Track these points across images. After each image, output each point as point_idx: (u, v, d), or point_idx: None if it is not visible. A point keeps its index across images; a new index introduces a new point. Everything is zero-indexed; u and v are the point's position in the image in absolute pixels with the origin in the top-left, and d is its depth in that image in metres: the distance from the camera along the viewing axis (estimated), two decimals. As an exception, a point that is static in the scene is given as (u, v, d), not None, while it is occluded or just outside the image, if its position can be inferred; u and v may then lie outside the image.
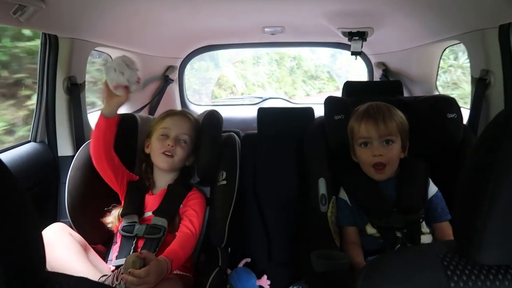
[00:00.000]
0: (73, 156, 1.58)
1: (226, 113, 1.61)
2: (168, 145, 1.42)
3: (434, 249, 0.67)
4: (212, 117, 1.56)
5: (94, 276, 1.20)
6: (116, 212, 1.43)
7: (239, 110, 3.00)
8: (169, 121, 1.48)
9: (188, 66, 2.91)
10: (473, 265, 0.63)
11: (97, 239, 1.47)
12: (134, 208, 1.40)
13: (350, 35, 2.13)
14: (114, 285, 1.15)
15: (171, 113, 1.53)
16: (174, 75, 2.72)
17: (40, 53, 1.62)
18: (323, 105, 1.58)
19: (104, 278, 1.22)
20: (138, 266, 1.09)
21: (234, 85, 3.91)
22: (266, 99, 3.22)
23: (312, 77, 4.66)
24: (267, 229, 1.70)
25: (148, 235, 1.32)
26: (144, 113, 2.44)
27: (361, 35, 2.12)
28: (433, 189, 1.36)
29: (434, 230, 1.33)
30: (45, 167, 1.68)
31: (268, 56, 4.18)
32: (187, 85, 2.99)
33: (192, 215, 1.38)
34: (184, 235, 1.32)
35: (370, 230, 1.34)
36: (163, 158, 1.43)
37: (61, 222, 1.41)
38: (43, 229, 1.27)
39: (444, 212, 1.33)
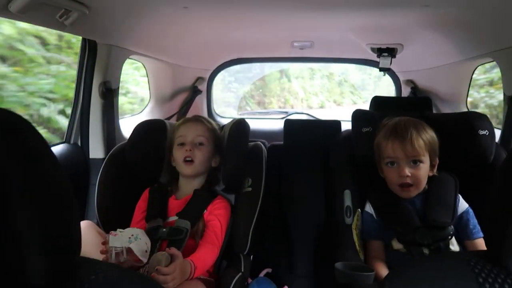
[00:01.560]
0: (103, 159, 1.63)
1: (252, 125, 1.63)
2: (186, 150, 1.45)
3: (465, 257, 0.66)
4: (239, 125, 1.58)
5: None
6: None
7: (265, 123, 3.02)
8: (182, 129, 1.51)
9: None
10: (506, 274, 0.61)
11: None
12: (157, 212, 1.42)
13: (379, 51, 2.13)
14: None
15: (183, 121, 1.56)
16: (203, 87, 2.78)
17: (79, 58, 1.70)
18: (348, 122, 1.58)
19: None
20: (163, 264, 1.10)
21: (297, 92, 5.45)
22: (291, 113, 3.24)
23: (359, 88, 5.33)
24: (290, 240, 1.69)
25: (171, 237, 1.33)
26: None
27: (390, 52, 2.12)
28: (463, 205, 1.33)
29: (466, 248, 1.29)
30: (76, 168, 1.73)
31: (320, 72, 5.62)
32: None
33: (216, 227, 1.39)
34: (209, 246, 1.34)
35: (396, 245, 1.31)
36: (185, 166, 1.46)
37: (89, 222, 1.45)
38: None
39: (476, 229, 1.29)
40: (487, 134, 1.40)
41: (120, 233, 1.16)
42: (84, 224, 1.36)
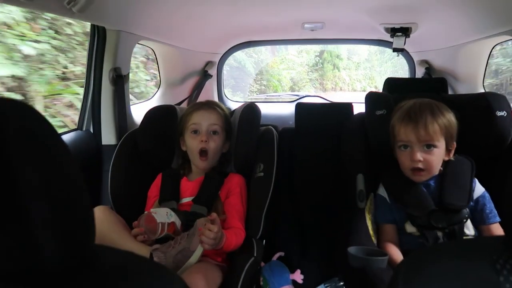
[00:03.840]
0: (116, 145, 1.64)
1: (263, 109, 1.61)
2: (202, 141, 1.45)
3: (482, 243, 0.64)
4: (250, 109, 1.57)
5: (142, 250, 1.22)
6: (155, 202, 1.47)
7: (276, 107, 3.00)
8: (197, 116, 1.50)
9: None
10: None
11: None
12: (171, 194, 1.44)
13: (393, 31, 2.07)
14: (172, 247, 1.19)
15: (197, 108, 1.53)
16: (213, 71, 2.76)
17: (89, 44, 1.69)
18: (360, 104, 1.55)
19: (158, 245, 1.23)
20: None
21: (345, 79, 7.55)
22: (303, 96, 3.20)
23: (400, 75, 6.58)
24: (302, 224, 1.70)
25: (187, 221, 1.34)
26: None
27: (404, 31, 2.06)
28: (480, 189, 1.30)
29: (481, 233, 1.28)
30: (89, 154, 1.75)
31: (363, 64, 7.71)
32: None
33: (240, 212, 1.41)
34: (238, 232, 1.35)
35: (410, 228, 1.30)
36: (200, 161, 1.46)
37: (103, 207, 1.46)
38: None
39: (492, 214, 1.27)
40: (505, 115, 1.36)
41: (156, 211, 1.25)
42: (100, 208, 1.37)
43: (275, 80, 6.05)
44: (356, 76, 7.64)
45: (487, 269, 0.59)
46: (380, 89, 1.82)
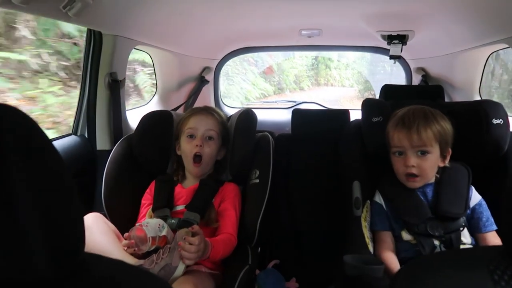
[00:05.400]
0: (110, 151, 1.63)
1: (259, 116, 1.61)
2: (197, 145, 1.44)
3: (480, 252, 0.64)
4: (247, 115, 1.56)
5: (130, 261, 1.20)
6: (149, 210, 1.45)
7: (272, 113, 3.00)
8: (193, 121, 1.49)
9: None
10: None
11: None
12: (164, 202, 1.42)
13: (390, 38, 2.08)
14: (154, 263, 1.16)
15: (194, 112, 1.53)
16: (210, 76, 2.76)
17: (85, 49, 1.68)
18: (356, 111, 1.55)
19: (142, 261, 1.21)
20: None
21: (335, 77, 8.84)
22: (300, 103, 3.20)
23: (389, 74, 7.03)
24: (298, 231, 1.68)
25: (180, 229, 1.32)
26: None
27: (401, 39, 2.07)
28: (476, 197, 1.30)
29: (478, 241, 1.27)
30: (84, 159, 1.73)
31: (352, 65, 8.57)
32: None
33: (232, 217, 1.39)
34: (228, 238, 1.34)
35: (406, 236, 1.29)
36: (193, 167, 1.45)
37: (96, 213, 1.44)
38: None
39: (489, 222, 1.26)
40: (501, 123, 1.36)
41: (148, 224, 1.23)
42: (92, 216, 1.35)
43: (284, 75, 8.21)
44: (345, 74, 9.27)
45: (485, 279, 0.58)
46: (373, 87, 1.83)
